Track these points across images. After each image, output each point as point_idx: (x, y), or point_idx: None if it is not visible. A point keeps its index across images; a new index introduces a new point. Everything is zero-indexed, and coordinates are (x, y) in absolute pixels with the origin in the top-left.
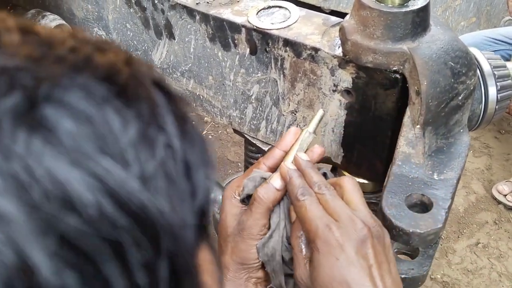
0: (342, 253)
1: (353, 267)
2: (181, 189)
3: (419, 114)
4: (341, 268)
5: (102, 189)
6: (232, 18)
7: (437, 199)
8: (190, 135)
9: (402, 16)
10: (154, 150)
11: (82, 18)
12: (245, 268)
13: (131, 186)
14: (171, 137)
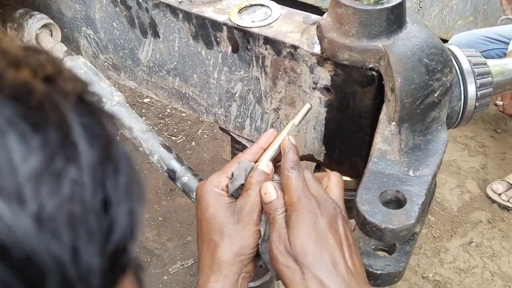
0: (318, 221)
1: (327, 235)
2: (90, 229)
3: (394, 111)
4: (317, 233)
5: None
6: (214, 17)
7: (411, 196)
8: (113, 163)
9: (377, 13)
10: (58, 186)
11: (71, 17)
12: (241, 260)
13: (21, 228)
14: (82, 170)
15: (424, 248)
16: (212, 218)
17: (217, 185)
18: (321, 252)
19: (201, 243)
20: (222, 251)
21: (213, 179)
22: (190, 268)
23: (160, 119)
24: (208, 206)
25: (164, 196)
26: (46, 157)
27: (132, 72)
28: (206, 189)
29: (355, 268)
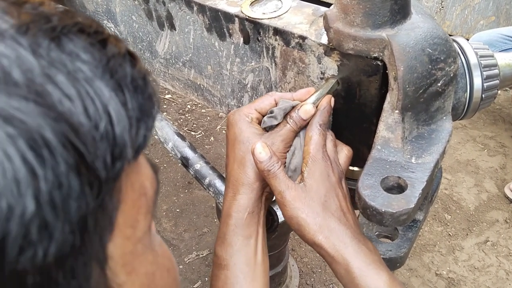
0: (330, 175)
1: (337, 189)
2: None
3: (397, 100)
4: (330, 183)
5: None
6: (226, 9)
7: (412, 182)
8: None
9: (381, 3)
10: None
11: (93, 11)
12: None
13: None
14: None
15: (439, 245)
16: (246, 140)
17: (247, 115)
18: (333, 199)
19: (233, 161)
20: (252, 170)
21: (244, 109)
22: (205, 259)
23: (180, 114)
24: (241, 131)
25: (182, 189)
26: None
27: (150, 64)
28: (239, 116)
29: (356, 222)
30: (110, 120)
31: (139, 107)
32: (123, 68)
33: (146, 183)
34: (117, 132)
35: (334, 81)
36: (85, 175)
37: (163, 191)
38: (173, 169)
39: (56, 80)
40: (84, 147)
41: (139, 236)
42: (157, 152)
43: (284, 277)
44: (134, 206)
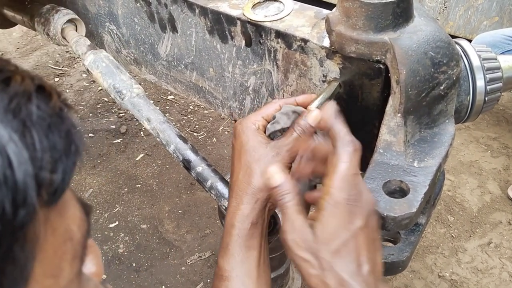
0: (354, 220)
1: (359, 235)
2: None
3: (400, 103)
4: (350, 232)
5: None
6: (228, 11)
7: (414, 186)
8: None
9: (383, 7)
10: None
11: (95, 13)
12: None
13: None
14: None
15: (441, 247)
16: (253, 149)
17: (254, 123)
18: (349, 253)
19: (238, 171)
20: (259, 178)
21: (251, 117)
22: (208, 260)
23: (183, 115)
24: (248, 140)
25: (184, 190)
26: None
27: (152, 67)
28: (246, 125)
29: (376, 267)
30: (9, 164)
31: (52, 146)
32: (29, 107)
33: (73, 226)
34: (18, 177)
35: (337, 85)
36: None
37: (165, 193)
38: (175, 170)
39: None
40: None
41: (63, 285)
42: (159, 153)
43: (286, 279)
44: (56, 253)
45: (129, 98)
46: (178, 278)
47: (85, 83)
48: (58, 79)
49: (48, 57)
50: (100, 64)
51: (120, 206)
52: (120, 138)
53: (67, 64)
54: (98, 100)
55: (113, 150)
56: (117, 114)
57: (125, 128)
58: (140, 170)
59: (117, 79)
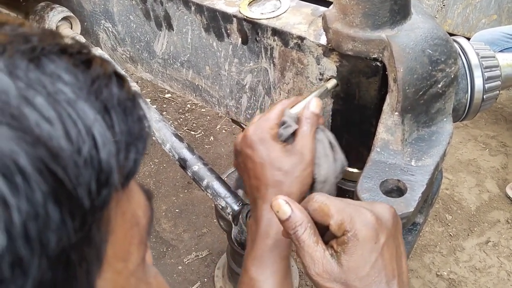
0: (378, 238)
1: (385, 252)
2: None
3: (397, 101)
4: (377, 253)
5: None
6: (224, 9)
7: (412, 185)
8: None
9: (380, 4)
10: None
11: (90, 10)
12: (301, 196)
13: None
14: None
15: (439, 246)
16: (277, 161)
17: (270, 132)
18: (379, 273)
19: (264, 185)
20: (289, 190)
21: (264, 126)
22: (205, 259)
23: (180, 114)
24: (269, 151)
25: (181, 189)
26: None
27: (148, 64)
28: (262, 135)
29: (403, 275)
30: (95, 144)
31: (128, 130)
32: (110, 89)
33: (139, 211)
34: (103, 157)
35: (334, 81)
36: (65, 204)
37: (162, 191)
38: (172, 169)
39: (34, 102)
40: (64, 173)
41: (132, 269)
42: (156, 152)
43: None
44: (125, 237)
45: None
46: (175, 277)
47: None
48: None
49: None
50: None
51: None
52: None
53: None
54: None
55: None
56: None
57: None
58: None
59: None
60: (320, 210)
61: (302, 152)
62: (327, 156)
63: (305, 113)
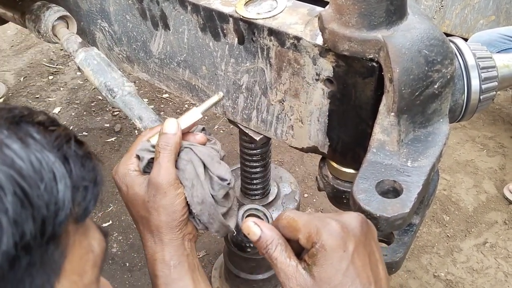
0: (347, 246)
1: (356, 259)
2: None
3: (393, 102)
4: (347, 261)
5: None
6: (221, 8)
7: (408, 186)
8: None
9: (376, 4)
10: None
11: (87, 10)
12: (176, 225)
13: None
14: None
15: (437, 247)
16: (134, 198)
17: (129, 167)
18: (352, 281)
19: (136, 223)
20: (155, 223)
21: (123, 163)
22: (202, 260)
23: (178, 114)
24: (127, 189)
25: None
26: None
27: (145, 64)
28: (121, 173)
29: (380, 281)
30: (54, 178)
31: (83, 176)
32: (69, 146)
33: (93, 243)
34: (60, 188)
35: (218, 98)
36: (28, 209)
37: None
38: None
39: (11, 147)
40: (29, 188)
41: (86, 283)
42: None
43: None
44: (81, 259)
45: (121, 97)
46: None
47: (79, 81)
48: (52, 77)
49: (42, 55)
50: (91, 62)
51: (114, 205)
52: (114, 136)
53: (62, 62)
54: (92, 99)
55: (107, 149)
56: (111, 113)
57: (119, 126)
58: None
59: (109, 77)
60: (289, 226)
61: (156, 181)
62: (198, 177)
63: (158, 139)
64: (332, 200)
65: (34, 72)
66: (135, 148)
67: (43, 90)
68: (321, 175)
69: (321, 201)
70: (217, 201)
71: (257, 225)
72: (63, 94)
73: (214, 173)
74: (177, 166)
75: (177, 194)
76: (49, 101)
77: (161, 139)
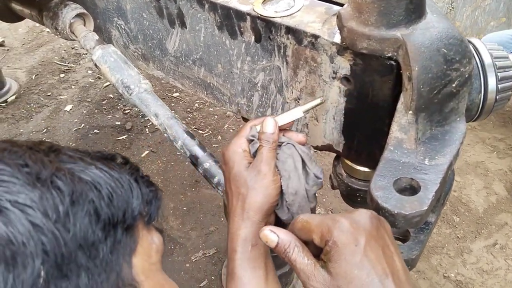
0: (358, 240)
1: (369, 252)
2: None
3: (411, 100)
4: (360, 254)
5: None
6: (238, 7)
7: (425, 183)
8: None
9: (396, 3)
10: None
11: (103, 8)
12: (267, 208)
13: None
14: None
15: (447, 248)
16: (238, 175)
17: (240, 147)
18: (368, 274)
19: (231, 197)
20: (250, 201)
21: (235, 142)
22: (212, 257)
23: (188, 113)
24: (233, 165)
25: (189, 187)
26: None
27: (160, 62)
28: (232, 151)
29: (398, 273)
30: (131, 190)
31: (148, 193)
32: (138, 173)
33: (155, 238)
34: (134, 196)
35: (319, 101)
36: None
37: (170, 189)
38: (180, 168)
39: (104, 170)
40: (117, 205)
41: (153, 261)
42: (164, 150)
43: (291, 277)
44: (148, 246)
45: (137, 93)
46: (182, 275)
47: (90, 80)
48: (63, 75)
49: (54, 53)
50: (108, 59)
51: None
52: (125, 134)
53: (73, 61)
54: (103, 97)
55: (118, 147)
56: (122, 111)
57: (130, 124)
58: (145, 167)
59: (125, 74)
60: (303, 228)
61: (258, 165)
62: (296, 169)
63: (260, 134)
64: (345, 199)
65: (46, 70)
66: (245, 132)
67: (55, 88)
68: (335, 173)
69: (331, 200)
70: (308, 196)
71: (274, 232)
72: (75, 92)
73: (311, 170)
74: (278, 157)
75: (274, 180)
76: (61, 99)
77: (262, 136)
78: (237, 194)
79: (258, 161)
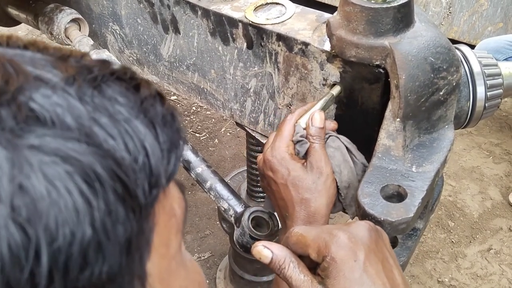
0: (357, 256)
1: (369, 267)
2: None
3: (399, 108)
4: (359, 270)
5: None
6: (231, 14)
7: (412, 191)
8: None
9: (384, 12)
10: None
11: (99, 13)
12: (330, 208)
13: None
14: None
15: (441, 252)
16: (299, 180)
17: (288, 151)
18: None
19: (291, 204)
20: (316, 205)
21: (280, 146)
22: (207, 261)
23: (185, 116)
24: (289, 171)
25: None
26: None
27: (155, 67)
28: (280, 157)
29: (399, 287)
30: (147, 154)
31: (169, 140)
32: (154, 107)
33: (175, 205)
34: (153, 164)
35: (338, 88)
36: (128, 203)
37: None
38: None
39: (100, 122)
40: (127, 178)
41: (172, 253)
42: None
43: None
44: (166, 227)
45: None
46: None
47: None
48: None
49: None
50: None
51: None
52: None
53: None
54: None
55: None
56: None
57: None
58: None
59: None
60: (298, 242)
61: (319, 166)
62: (346, 162)
63: (311, 130)
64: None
65: None
66: (287, 132)
67: None
68: None
69: None
70: (358, 186)
71: (267, 248)
72: None
73: (358, 160)
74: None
75: (333, 179)
76: None
77: (313, 131)
78: (299, 199)
79: (317, 161)
